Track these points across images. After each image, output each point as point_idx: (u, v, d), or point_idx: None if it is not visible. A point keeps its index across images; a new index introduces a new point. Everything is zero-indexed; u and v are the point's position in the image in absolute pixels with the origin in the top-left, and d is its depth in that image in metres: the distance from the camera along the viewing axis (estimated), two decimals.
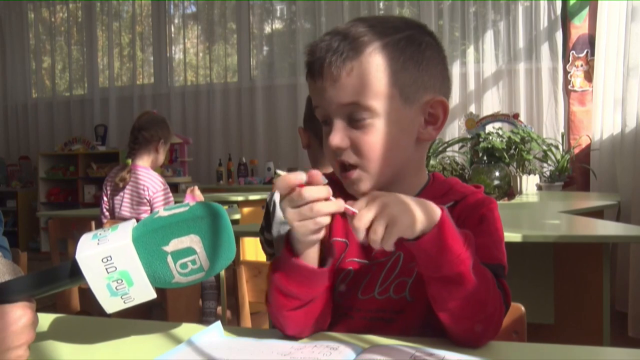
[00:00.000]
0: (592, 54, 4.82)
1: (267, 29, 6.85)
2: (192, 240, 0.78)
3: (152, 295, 0.79)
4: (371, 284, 0.96)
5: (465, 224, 0.93)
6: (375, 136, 0.92)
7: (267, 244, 1.86)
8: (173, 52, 7.15)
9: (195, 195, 3.21)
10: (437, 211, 0.81)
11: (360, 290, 0.97)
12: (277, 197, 1.83)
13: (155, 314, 2.84)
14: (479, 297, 0.83)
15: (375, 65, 0.91)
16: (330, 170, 1.05)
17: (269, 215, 1.84)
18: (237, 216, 3.64)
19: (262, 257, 2.01)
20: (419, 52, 0.94)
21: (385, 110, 0.92)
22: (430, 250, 0.80)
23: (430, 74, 0.95)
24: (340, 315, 0.98)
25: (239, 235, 2.46)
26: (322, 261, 0.89)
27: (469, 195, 0.99)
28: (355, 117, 0.92)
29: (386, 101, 0.91)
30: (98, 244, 0.76)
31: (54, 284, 0.78)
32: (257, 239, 2.11)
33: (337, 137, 0.93)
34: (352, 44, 0.91)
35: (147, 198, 3.02)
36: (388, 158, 0.93)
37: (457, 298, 0.83)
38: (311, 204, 0.79)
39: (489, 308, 0.85)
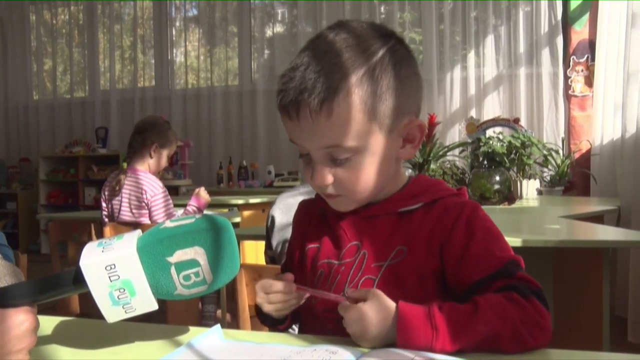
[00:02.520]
0: (593, 59, 4.82)
1: (268, 32, 6.86)
2: (196, 252, 0.78)
3: (153, 306, 0.79)
4: (341, 284, 0.98)
5: (452, 232, 0.93)
6: (357, 171, 0.93)
7: (271, 261, 1.88)
8: (174, 54, 7.16)
9: (201, 197, 3.19)
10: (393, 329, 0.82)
11: (332, 290, 0.98)
12: (274, 211, 1.85)
13: (155, 317, 2.83)
14: (488, 337, 0.81)
15: (354, 105, 0.88)
16: None
17: (269, 233, 1.87)
18: (237, 219, 3.64)
19: (262, 260, 2.02)
20: (395, 76, 0.92)
21: (366, 145, 0.91)
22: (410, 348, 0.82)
23: (406, 95, 0.94)
24: (315, 318, 1.00)
25: (239, 239, 2.46)
26: None
27: (447, 197, 0.98)
28: (336, 156, 0.92)
29: (367, 137, 0.91)
30: (102, 251, 0.76)
31: (57, 290, 0.78)
32: (257, 243, 2.12)
33: (320, 177, 0.93)
34: (327, 81, 0.88)
35: (145, 201, 3.01)
36: (371, 185, 0.95)
37: (470, 346, 0.82)
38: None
39: (504, 335, 0.81)
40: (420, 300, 0.86)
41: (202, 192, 3.21)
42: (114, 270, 0.75)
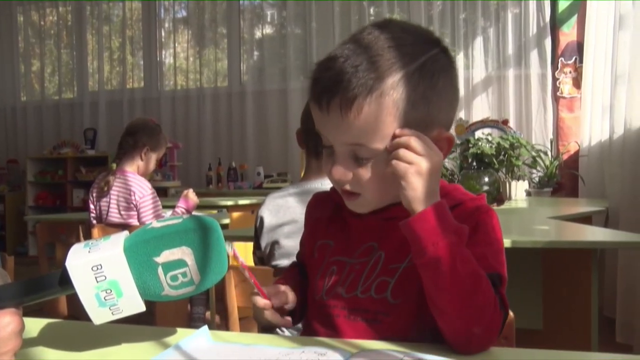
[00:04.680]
0: (581, 61, 4.86)
1: (258, 34, 6.85)
2: (183, 253, 0.77)
3: (141, 307, 0.79)
4: (354, 283, 0.97)
5: None
6: (377, 173, 0.91)
7: (260, 262, 1.87)
8: (163, 56, 7.13)
9: (189, 199, 3.18)
10: (434, 199, 0.86)
11: (344, 289, 0.98)
12: (263, 212, 1.84)
13: (144, 319, 2.82)
14: (467, 291, 0.82)
15: (386, 107, 0.87)
16: (322, 176, 1.06)
17: (257, 234, 1.86)
18: (226, 221, 3.62)
19: (250, 262, 2.01)
20: (431, 87, 0.90)
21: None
22: (416, 230, 0.84)
23: (439, 107, 0.92)
24: (326, 315, 0.99)
25: (228, 240, 2.45)
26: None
27: (467, 202, 0.97)
28: (359, 155, 0.91)
29: (391, 141, 0.89)
30: (89, 252, 0.75)
31: (44, 291, 0.77)
32: (246, 244, 2.11)
33: (339, 171, 0.92)
34: (363, 78, 0.86)
35: (134, 203, 3.00)
36: (389, 190, 0.92)
37: (442, 289, 0.83)
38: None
39: (479, 305, 0.83)
40: None
41: (191, 194, 3.19)
42: (100, 271, 0.74)
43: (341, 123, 0.89)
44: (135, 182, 3.03)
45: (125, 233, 0.80)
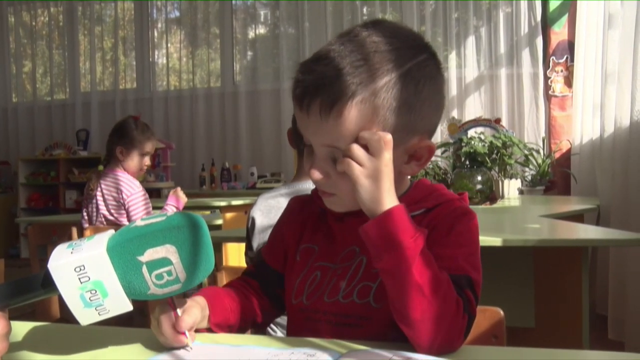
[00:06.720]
0: (572, 60, 4.88)
1: (251, 34, 6.85)
2: (167, 251, 0.77)
3: (127, 307, 0.78)
4: (336, 288, 0.97)
5: (436, 230, 0.91)
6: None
7: (252, 263, 1.88)
8: (156, 56, 7.11)
9: (178, 197, 3.19)
10: (389, 205, 0.83)
11: (326, 294, 0.97)
12: (254, 213, 1.84)
13: (137, 321, 2.81)
14: (425, 294, 0.81)
15: (366, 113, 0.86)
16: None
17: (249, 235, 1.86)
18: (219, 221, 3.62)
19: (243, 263, 2.01)
20: (414, 94, 0.89)
21: None
22: (372, 236, 0.83)
23: (421, 115, 0.91)
24: (307, 318, 0.99)
25: (221, 241, 2.45)
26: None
27: (447, 202, 0.96)
28: (337, 156, 0.89)
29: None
30: (72, 253, 0.75)
31: (28, 294, 0.76)
32: (240, 245, 2.11)
33: (316, 172, 0.92)
34: (345, 83, 0.85)
35: (122, 202, 3.01)
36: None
37: (400, 292, 0.82)
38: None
39: (439, 308, 0.81)
40: None
41: (179, 192, 3.21)
42: (83, 272, 0.74)
43: (320, 126, 0.88)
44: (123, 181, 3.05)
45: (110, 232, 0.80)
